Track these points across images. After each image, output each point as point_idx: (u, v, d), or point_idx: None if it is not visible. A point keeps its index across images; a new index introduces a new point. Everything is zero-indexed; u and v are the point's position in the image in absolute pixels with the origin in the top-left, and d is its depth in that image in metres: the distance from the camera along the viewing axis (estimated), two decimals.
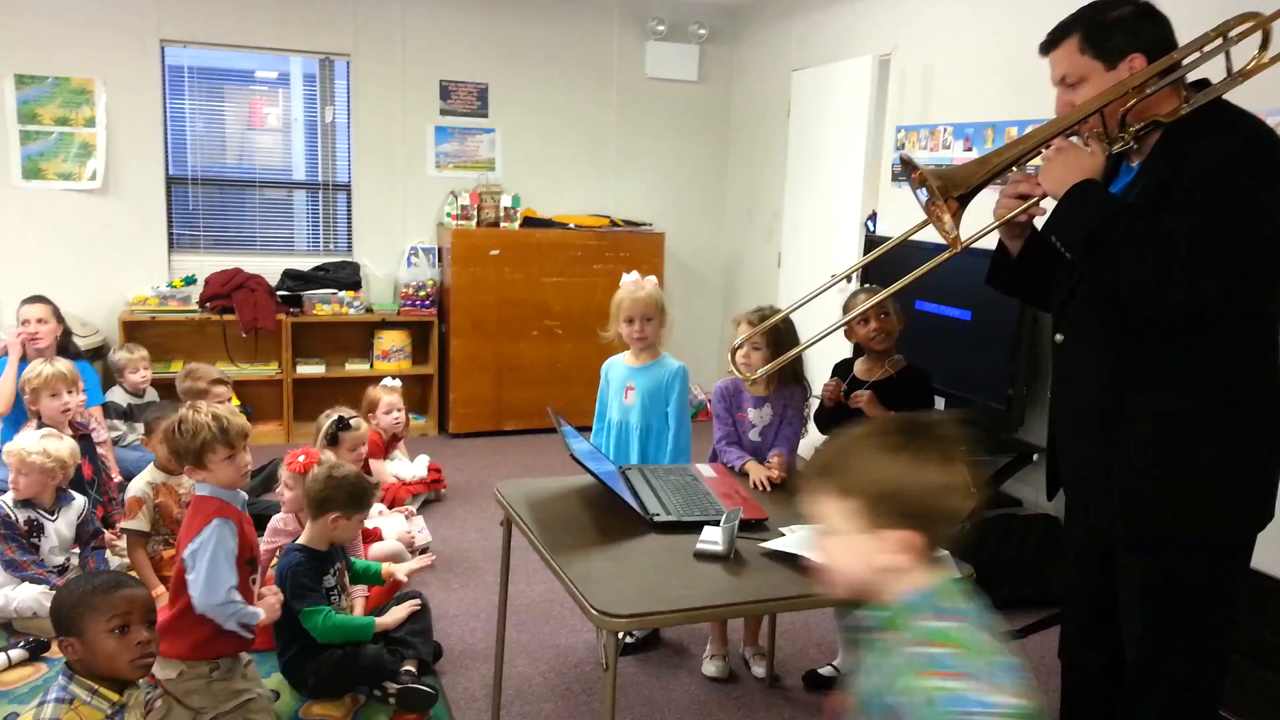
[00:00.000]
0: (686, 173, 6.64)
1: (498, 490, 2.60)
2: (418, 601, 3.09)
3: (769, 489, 2.72)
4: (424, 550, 4.03)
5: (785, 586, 2.08)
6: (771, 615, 3.18)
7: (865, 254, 4.83)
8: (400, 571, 3.17)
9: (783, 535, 2.30)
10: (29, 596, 3.17)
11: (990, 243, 2.39)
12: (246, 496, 2.81)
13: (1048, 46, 2.04)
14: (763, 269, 6.18)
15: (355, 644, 2.89)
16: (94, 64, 5.33)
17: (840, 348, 5.08)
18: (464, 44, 6.01)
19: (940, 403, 4.23)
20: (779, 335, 2.97)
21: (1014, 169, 2.08)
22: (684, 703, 3.02)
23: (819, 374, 3.22)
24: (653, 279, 3.34)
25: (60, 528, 3.37)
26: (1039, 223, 2.10)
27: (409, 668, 2.95)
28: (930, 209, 2.04)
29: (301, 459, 3.26)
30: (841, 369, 3.15)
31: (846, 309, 3.02)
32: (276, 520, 3.40)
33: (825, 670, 3.18)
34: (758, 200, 6.34)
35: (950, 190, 2.00)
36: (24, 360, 4.33)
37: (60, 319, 4.53)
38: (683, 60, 6.44)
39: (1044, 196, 2.03)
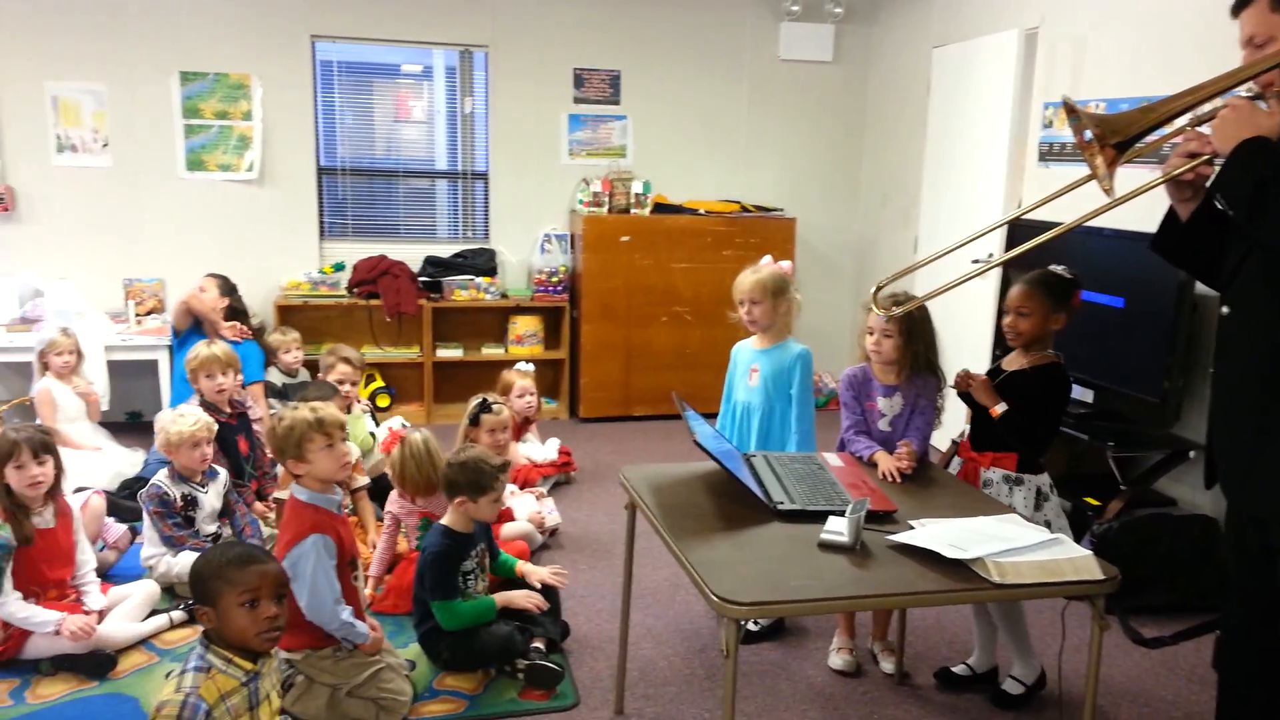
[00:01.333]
0: (820, 156, 6.51)
1: (622, 474, 2.62)
2: (540, 600, 3.13)
3: (898, 480, 2.65)
4: (553, 531, 4.12)
5: (914, 581, 2.02)
6: (901, 610, 3.10)
7: (1009, 239, 4.62)
8: (533, 576, 3.21)
9: (912, 528, 2.23)
10: (190, 561, 3.38)
11: (1146, 225, 2.25)
12: (341, 496, 2.90)
13: (1238, 7, 1.93)
14: (898, 254, 6.01)
15: (487, 622, 2.98)
16: (250, 60, 5.62)
17: (981, 339, 4.90)
18: (597, 32, 6.06)
19: (1089, 396, 4.03)
20: (912, 323, 2.89)
21: (1185, 125, 1.96)
22: (809, 694, 2.98)
23: (956, 365, 3.11)
24: (785, 263, 3.33)
25: (211, 499, 3.59)
26: None
27: (537, 645, 3.02)
28: (1088, 156, 1.94)
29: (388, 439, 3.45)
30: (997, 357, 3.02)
31: (1006, 297, 2.89)
32: (393, 494, 3.61)
33: (959, 669, 3.07)
34: (894, 183, 6.17)
35: (1108, 137, 1.90)
36: (199, 328, 4.70)
37: (226, 294, 4.88)
38: (817, 41, 6.31)
39: (1214, 155, 1.91)
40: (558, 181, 6.15)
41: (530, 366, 4.87)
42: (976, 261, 5.07)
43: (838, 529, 2.16)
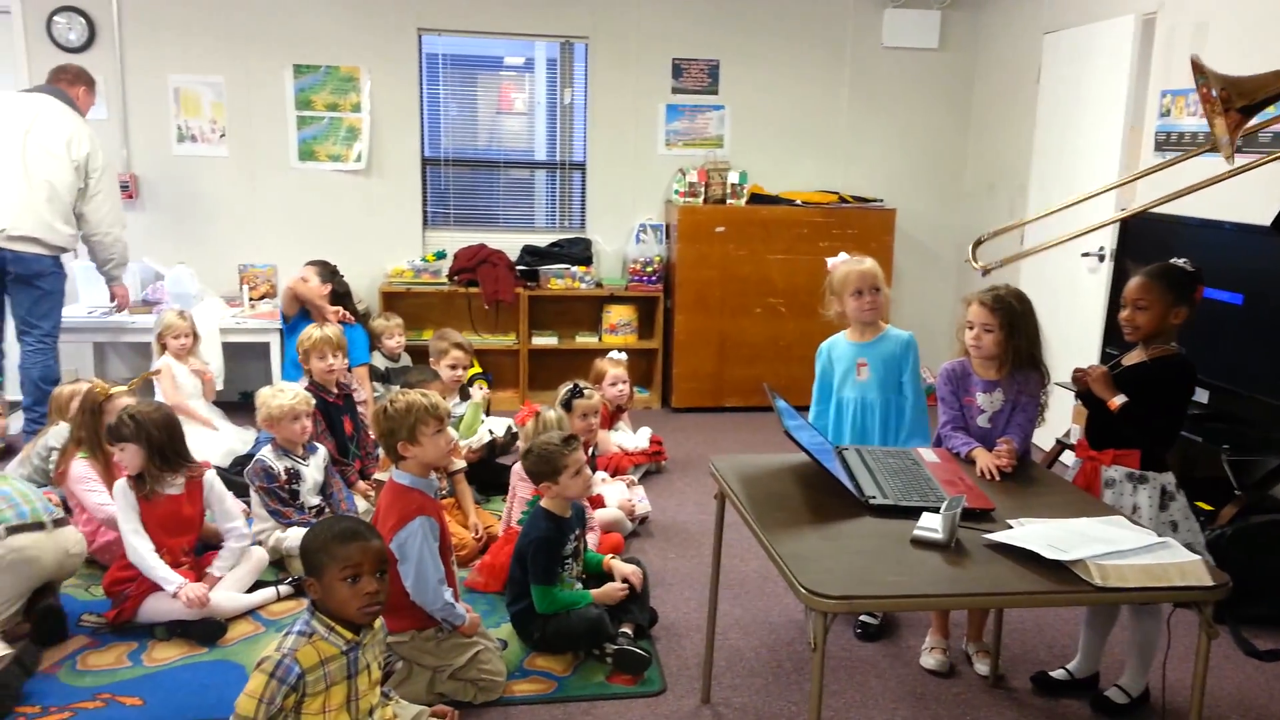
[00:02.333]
0: (922, 146, 6.37)
1: (713, 464, 2.63)
2: (625, 588, 3.16)
3: (997, 478, 2.59)
4: (643, 519, 4.14)
5: (1010, 581, 1.97)
6: (998, 611, 3.03)
7: (1121, 231, 4.46)
8: (619, 571, 3.21)
9: (1010, 528, 2.18)
10: (299, 535, 3.51)
11: (1267, 218, 2.15)
12: (439, 482, 2.97)
13: None
14: (1003, 247, 5.82)
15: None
16: (360, 53, 5.79)
17: (1090, 337, 4.74)
18: (696, 21, 6.04)
19: (1204, 396, 3.85)
20: (1014, 317, 2.81)
21: None
22: (899, 692, 2.94)
23: (1061, 362, 3.02)
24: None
25: (313, 472, 3.73)
26: None
27: (626, 631, 3.06)
28: (1211, 120, 1.85)
29: (523, 412, 3.65)
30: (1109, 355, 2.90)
31: (1124, 293, 2.78)
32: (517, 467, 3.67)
33: (1057, 673, 2.99)
34: (1000, 174, 5.99)
35: (1234, 100, 1.81)
36: (307, 314, 4.88)
37: (328, 280, 5.04)
38: (923, 27, 6.17)
39: None
40: (654, 172, 6.17)
41: (623, 355, 4.91)
42: (1087, 255, 4.91)
43: (932, 525, 2.12)
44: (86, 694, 2.80)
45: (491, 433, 4.49)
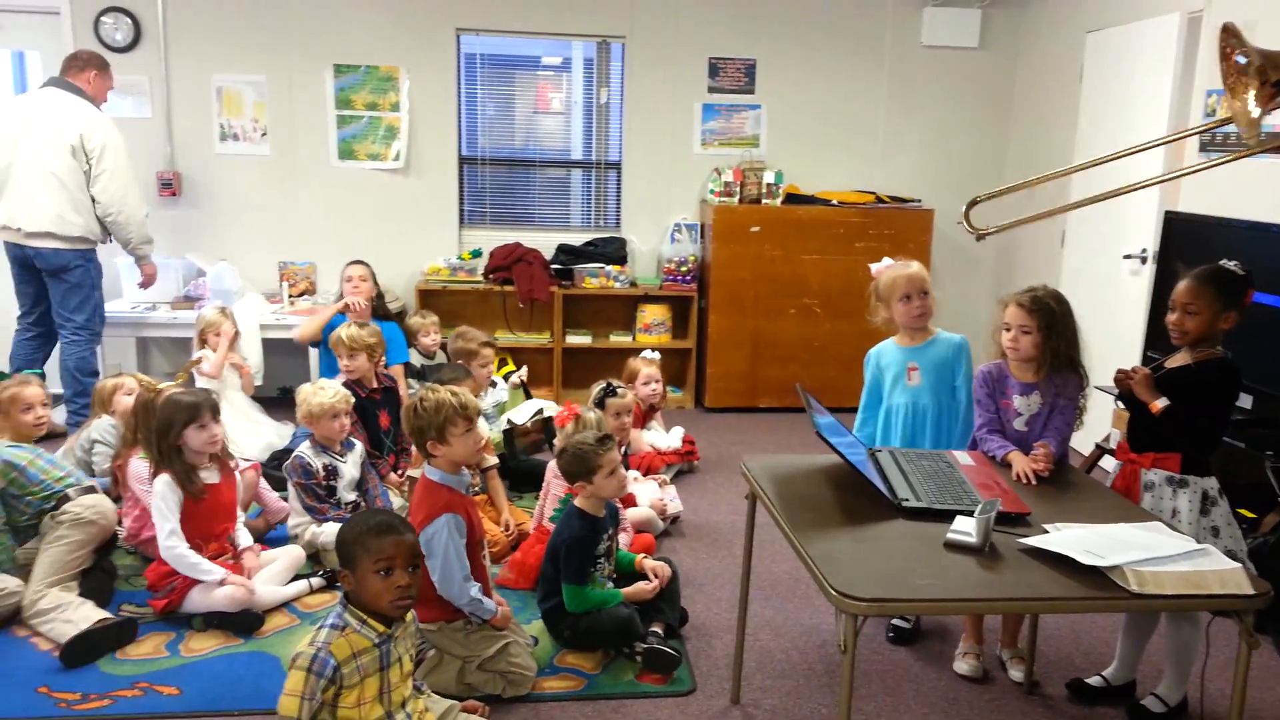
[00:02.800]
0: (961, 146, 6.31)
1: (744, 465, 2.62)
2: (655, 585, 3.14)
3: (1033, 482, 2.55)
4: (675, 519, 4.14)
5: (1045, 586, 1.95)
6: (1033, 617, 2.99)
7: (1165, 233, 4.38)
8: (648, 568, 3.21)
9: (1046, 533, 2.15)
10: (335, 530, 3.55)
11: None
12: (470, 477, 2.99)
13: None
14: (1043, 248, 5.77)
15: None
16: (399, 53, 5.84)
17: (1132, 339, 4.66)
18: (734, 20, 6.02)
19: (1247, 402, 3.78)
20: (1053, 318, 2.77)
21: None
22: (932, 697, 2.91)
23: (1101, 365, 2.97)
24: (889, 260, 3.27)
25: (349, 468, 3.77)
26: None
27: (656, 630, 3.06)
28: (1237, 93, 1.79)
29: (564, 413, 3.70)
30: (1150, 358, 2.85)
31: (1171, 293, 2.72)
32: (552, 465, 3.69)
33: (1093, 680, 2.94)
34: (1041, 174, 5.90)
35: (1270, 72, 1.75)
36: (343, 315, 4.92)
37: (375, 282, 5.08)
38: (963, 26, 6.10)
39: None
40: (689, 171, 6.16)
41: (656, 355, 4.91)
42: (1129, 257, 4.83)
43: (965, 529, 2.10)
44: (125, 682, 2.85)
45: (511, 422, 4.49)
